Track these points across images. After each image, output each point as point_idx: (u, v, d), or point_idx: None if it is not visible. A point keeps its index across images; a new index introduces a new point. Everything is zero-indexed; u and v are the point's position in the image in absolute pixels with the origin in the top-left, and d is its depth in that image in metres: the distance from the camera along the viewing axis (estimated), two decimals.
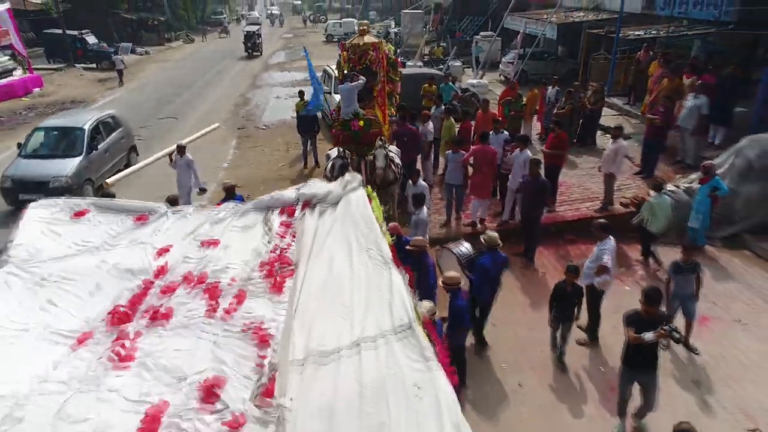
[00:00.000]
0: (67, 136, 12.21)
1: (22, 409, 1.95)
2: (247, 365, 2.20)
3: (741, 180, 9.86)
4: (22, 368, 2.19)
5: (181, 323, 2.45)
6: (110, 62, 30.22)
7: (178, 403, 2.02)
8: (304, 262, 2.74)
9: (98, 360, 2.23)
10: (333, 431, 1.82)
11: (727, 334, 7.22)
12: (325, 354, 2.17)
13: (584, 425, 5.94)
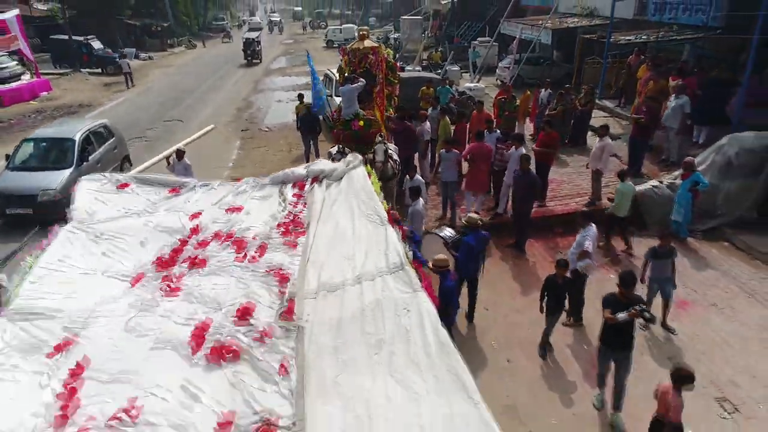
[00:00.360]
0: (56, 147, 11.79)
1: (98, 322, 2.47)
2: (271, 296, 2.72)
3: (721, 176, 10.40)
4: (92, 298, 2.71)
5: (215, 267, 2.97)
6: (115, 67, 30.92)
7: (218, 322, 2.53)
8: (314, 224, 3.27)
9: (152, 293, 2.76)
10: (341, 338, 2.34)
11: (702, 316, 7.73)
12: (333, 286, 2.69)
13: (567, 396, 6.44)
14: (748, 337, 7.22)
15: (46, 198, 10.50)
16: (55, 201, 10.37)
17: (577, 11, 24.32)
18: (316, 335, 2.39)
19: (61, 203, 10.07)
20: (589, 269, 7.14)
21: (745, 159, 10.31)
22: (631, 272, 5.94)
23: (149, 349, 2.35)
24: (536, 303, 7.03)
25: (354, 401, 1.99)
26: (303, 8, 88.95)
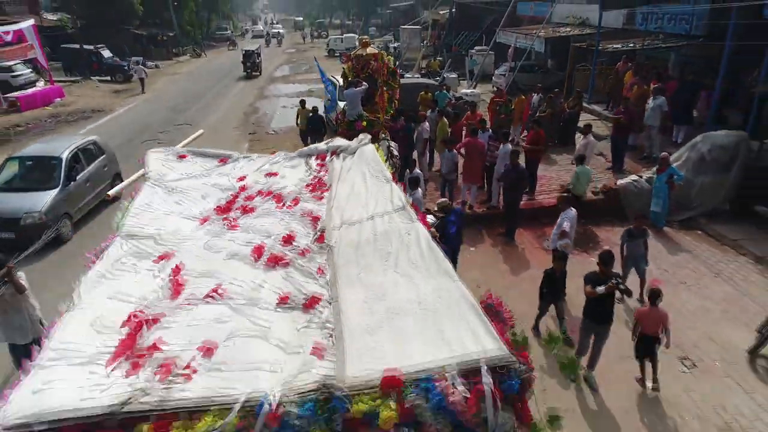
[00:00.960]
0: (42, 166, 11.13)
1: (185, 243, 3.34)
2: (306, 229, 3.60)
3: (695, 171, 11.31)
4: (175, 228, 3.60)
5: (261, 212, 3.84)
6: (125, 75, 32.02)
7: (269, 244, 3.39)
8: (335, 184, 4.16)
9: (218, 227, 3.64)
10: (360, 252, 3.19)
11: (672, 292, 8.57)
12: (352, 222, 3.55)
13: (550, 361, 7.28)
14: (710, 309, 8.10)
15: (30, 221, 9.77)
16: (40, 224, 9.63)
17: (570, 21, 25.39)
18: (342, 252, 3.25)
19: (47, 226, 9.28)
20: (567, 248, 8.02)
21: (717, 155, 11.23)
22: (610, 251, 6.68)
23: (223, 259, 3.21)
24: (523, 281, 7.88)
25: (371, 287, 2.85)
26: (304, 18, 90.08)
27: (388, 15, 71.36)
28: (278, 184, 4.24)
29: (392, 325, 2.48)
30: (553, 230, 8.35)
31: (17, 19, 27.48)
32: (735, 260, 9.58)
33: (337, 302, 2.72)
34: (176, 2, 47.32)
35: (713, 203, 11.21)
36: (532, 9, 29.82)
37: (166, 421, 2.00)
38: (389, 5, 71.92)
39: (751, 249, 9.72)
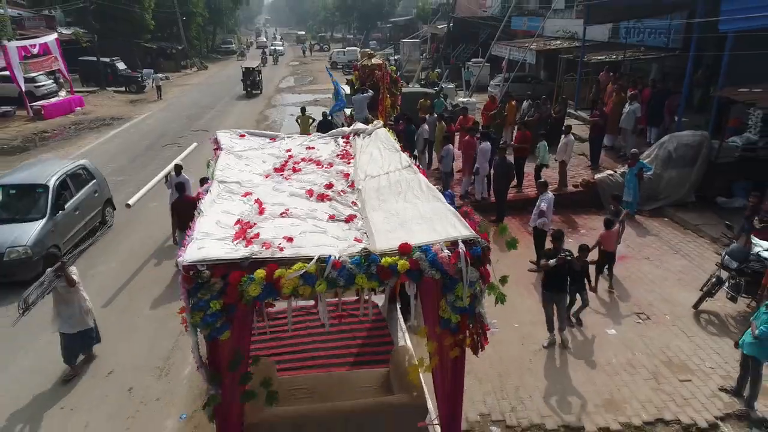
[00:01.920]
0: (27, 195, 10.21)
1: (258, 187, 4.78)
2: (341, 181, 5.02)
3: (664, 167, 12.81)
4: (250, 179, 5.04)
5: (307, 171, 5.26)
6: (138, 86, 33.67)
7: (316, 189, 4.79)
8: (358, 154, 5.55)
9: (278, 180, 5.08)
10: (379, 192, 4.55)
11: (636, 264, 10.05)
12: (373, 176, 4.98)
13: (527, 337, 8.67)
14: (667, 278, 9.52)
15: (15, 256, 8.99)
16: (25, 259, 9.05)
17: (560, 35, 27.07)
18: (367, 192, 4.62)
19: (33, 262, 9.00)
20: (545, 225, 9.47)
21: (683, 152, 12.73)
22: (560, 230, 7.95)
23: (287, 196, 4.61)
24: (510, 256, 9.26)
25: (388, 210, 4.20)
26: (306, 32, 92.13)
27: (388, 29, 73.46)
28: (316, 154, 5.66)
29: (403, 227, 3.89)
30: (533, 211, 9.80)
31: (36, 34, 29.09)
32: (694, 241, 11.03)
33: (366, 218, 4.14)
34: (184, 17, 49.19)
35: (677, 195, 12.70)
36: (526, 24, 31.56)
37: (272, 266, 3.41)
38: (389, 20, 74.08)
39: (709, 232, 11.16)
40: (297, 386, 5.10)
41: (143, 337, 8.05)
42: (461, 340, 3.88)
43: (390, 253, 3.54)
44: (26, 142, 20.58)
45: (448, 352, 3.93)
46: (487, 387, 6.87)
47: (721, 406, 6.44)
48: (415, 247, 3.54)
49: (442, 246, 3.57)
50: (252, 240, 3.67)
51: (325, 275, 3.41)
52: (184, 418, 6.38)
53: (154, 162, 17.16)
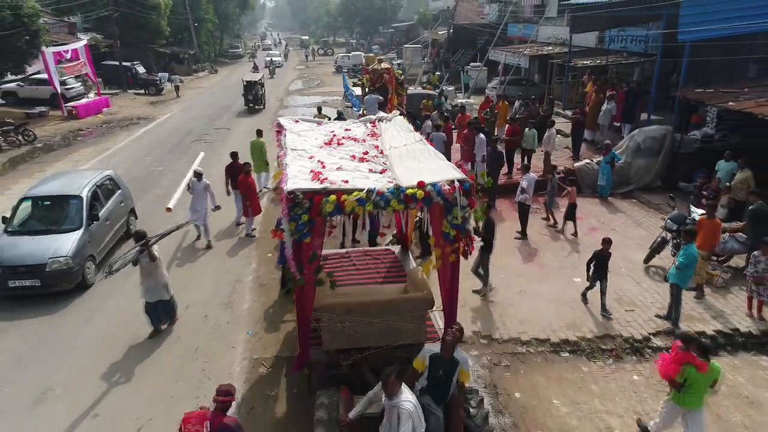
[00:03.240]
0: (61, 206, 10.32)
1: (317, 153, 6.86)
2: (374, 149, 7.11)
3: (633, 156, 14.91)
4: (309, 148, 7.13)
5: (348, 144, 7.33)
6: (157, 88, 35.84)
7: (357, 156, 6.89)
8: (382, 133, 7.65)
9: (328, 150, 7.19)
10: (401, 157, 6.63)
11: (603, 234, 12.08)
12: (395, 146, 7.03)
13: (510, 285, 10.74)
14: (628, 244, 11.58)
15: (56, 267, 9.21)
16: (66, 270, 9.29)
17: (552, 41, 29.23)
18: (392, 156, 6.61)
19: (71, 272, 9.29)
20: (526, 200, 11.57)
21: (649, 144, 14.84)
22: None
23: (338, 159, 6.70)
24: (500, 230, 11.36)
25: (407, 167, 6.30)
26: (309, 37, 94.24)
27: (390, 34, 75.76)
28: (352, 134, 7.71)
29: (418, 176, 5.98)
30: (517, 190, 11.91)
31: (60, 40, 31.17)
32: (655, 217, 13.12)
33: (393, 171, 6.20)
34: (196, 24, 51.42)
35: (645, 180, 14.81)
36: (521, 30, 33.75)
37: (339, 193, 5.49)
38: (391, 25, 76.36)
39: (668, 210, 13.25)
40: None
41: (209, 284, 10.15)
42: (456, 248, 5.98)
43: (412, 187, 5.64)
44: (64, 139, 22.66)
45: (448, 258, 6.02)
46: (477, 316, 8.96)
47: (654, 326, 8.54)
48: (428, 183, 5.64)
49: (445, 182, 5.67)
50: (323, 180, 5.78)
51: (371, 199, 5.51)
52: (251, 334, 8.47)
53: (186, 155, 19.28)
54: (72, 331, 8.67)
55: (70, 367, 7.79)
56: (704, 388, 5.77)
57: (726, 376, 7.32)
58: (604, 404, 7.06)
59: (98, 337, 8.51)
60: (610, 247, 8.91)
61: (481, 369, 7.70)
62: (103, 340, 8.44)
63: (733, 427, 6.70)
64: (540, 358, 8.04)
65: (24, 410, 6.95)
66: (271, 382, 7.44)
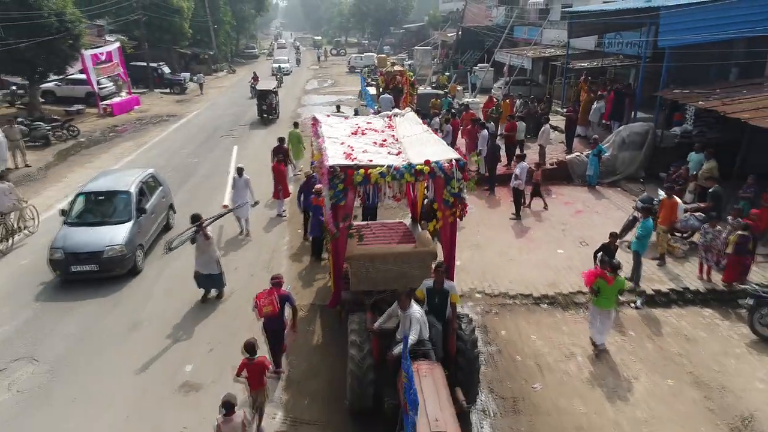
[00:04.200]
0: (113, 200, 11.55)
1: (348, 139, 8.79)
2: (391, 138, 9.03)
3: (619, 149, 16.70)
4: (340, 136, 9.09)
5: (370, 134, 9.23)
6: (181, 87, 38.04)
7: (378, 141, 8.82)
8: (397, 126, 9.53)
9: (355, 138, 9.11)
10: (412, 143, 8.55)
11: (588, 216, 13.99)
12: (407, 135, 8.89)
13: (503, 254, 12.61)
14: (607, 223, 13.22)
15: (112, 254, 10.43)
16: (120, 256, 10.52)
17: (555, 43, 30.98)
18: (405, 142, 8.40)
19: (124, 258, 10.58)
20: (519, 185, 13.44)
21: (633, 138, 16.62)
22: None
23: (363, 144, 8.60)
24: (496, 213, 13.27)
25: (416, 151, 8.25)
26: (322, 37, 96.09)
27: (400, 34, 77.53)
28: (373, 126, 9.60)
29: (425, 156, 7.85)
30: (512, 176, 13.79)
31: (97, 42, 33.38)
32: (635, 202, 14.92)
33: (406, 153, 8.12)
34: (215, 26, 53.64)
35: (629, 171, 16.60)
36: (526, 33, 35.51)
37: (366, 168, 7.42)
38: (402, 26, 78.18)
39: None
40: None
41: (251, 253, 12.15)
42: (454, 212, 7.89)
43: (420, 164, 7.56)
44: (103, 135, 24.79)
45: (448, 220, 7.94)
46: (474, 277, 10.86)
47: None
48: (432, 161, 7.56)
49: (445, 161, 7.59)
50: (353, 159, 7.73)
51: (390, 172, 7.44)
52: (290, 288, 10.44)
53: (218, 148, 21.36)
54: (142, 294, 10.72)
55: (148, 316, 9.82)
56: (612, 295, 8.34)
57: (672, 323, 9.27)
58: (570, 339, 8.96)
59: (164, 297, 10.53)
60: (616, 240, 9.96)
61: (476, 315, 9.59)
62: (168, 298, 10.46)
63: (672, 355, 8.56)
64: (524, 308, 9.94)
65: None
66: (309, 321, 9.44)
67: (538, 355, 8.59)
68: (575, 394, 7.72)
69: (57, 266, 10.54)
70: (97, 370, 8.22)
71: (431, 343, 6.69)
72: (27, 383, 7.89)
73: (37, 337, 8.97)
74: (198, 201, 15.20)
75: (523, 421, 7.23)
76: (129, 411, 7.36)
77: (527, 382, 7.96)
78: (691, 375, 8.12)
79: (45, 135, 21.78)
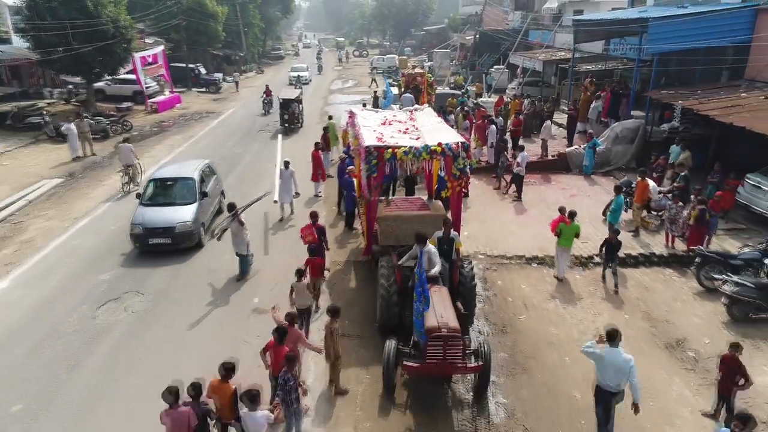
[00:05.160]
0: (179, 185, 13.51)
1: (378, 128, 11.24)
2: (412, 127, 11.43)
3: (613, 143, 18.92)
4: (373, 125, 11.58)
5: (395, 125, 11.65)
6: (216, 87, 40.95)
7: (403, 127, 11.28)
8: (417, 118, 11.99)
9: (383, 127, 11.55)
10: (429, 131, 10.91)
11: (579, 199, 16.24)
12: (425, 125, 11.31)
13: (504, 226, 14.95)
14: (597, 205, 15.55)
15: (182, 229, 12.41)
16: (188, 231, 12.52)
17: (567, 46, 33.06)
18: (423, 131, 10.92)
19: (192, 233, 12.67)
20: (520, 171, 15.77)
21: (625, 134, 18.84)
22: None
23: (390, 131, 10.95)
24: (501, 195, 15.63)
25: (432, 136, 10.67)
26: (344, 38, 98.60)
27: (421, 36, 79.78)
28: (397, 118, 12.00)
29: (438, 140, 10.25)
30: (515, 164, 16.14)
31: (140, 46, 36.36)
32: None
33: (423, 138, 10.48)
34: (246, 29, 56.64)
35: (622, 162, 18.80)
36: (540, 36, 37.63)
37: (393, 148, 9.77)
38: (422, 27, 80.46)
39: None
40: None
41: (298, 222, 14.68)
42: (460, 183, 10.32)
43: (434, 146, 9.99)
44: (152, 129, 27.65)
45: (455, 190, 10.37)
46: (479, 243, 13.22)
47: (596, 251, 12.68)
48: (444, 143, 9.98)
49: (453, 143, 10.01)
50: (384, 141, 10.20)
51: (411, 152, 9.88)
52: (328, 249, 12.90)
53: (257, 141, 24.08)
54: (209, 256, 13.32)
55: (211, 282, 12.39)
56: (570, 236, 11.23)
57: (637, 278, 11.56)
58: (552, 288, 11.33)
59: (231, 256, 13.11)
60: (618, 235, 11.28)
61: (479, 270, 11.97)
62: (234, 258, 13.02)
63: (631, 299, 10.88)
64: (517, 266, 12.31)
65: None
66: (345, 272, 11.96)
67: (525, 297, 10.97)
68: (550, 323, 10.09)
69: (136, 239, 12.52)
70: (187, 300, 10.82)
71: (440, 275, 9.12)
72: (137, 307, 10.56)
73: (138, 278, 11.65)
74: (245, 185, 17.80)
75: (509, 339, 9.63)
76: (215, 330, 9.92)
77: (515, 315, 10.36)
78: (643, 312, 10.44)
79: (104, 128, 24.73)
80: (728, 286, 9.94)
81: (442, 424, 7.61)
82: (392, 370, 7.82)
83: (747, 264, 10.81)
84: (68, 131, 20.97)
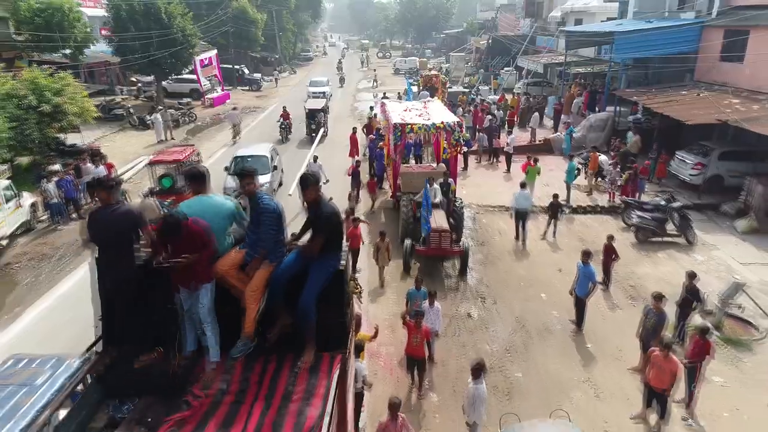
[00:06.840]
0: (256, 160, 17.31)
1: (402, 113, 16.37)
2: (426, 113, 16.53)
3: (587, 131, 23.76)
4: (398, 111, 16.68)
5: (414, 111, 16.69)
6: (258, 86, 46.54)
7: (418, 114, 16.33)
8: (428, 106, 17.11)
9: (405, 113, 16.64)
10: (437, 113, 15.92)
11: (556, 172, 21.14)
12: (434, 111, 16.38)
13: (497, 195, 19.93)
14: (562, 175, 20.50)
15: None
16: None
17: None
18: (432, 114, 15.94)
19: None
20: (510, 149, 20.73)
21: (597, 123, 23.69)
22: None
23: (410, 115, 16.10)
24: (496, 175, 20.63)
25: (438, 117, 15.73)
26: (369, 40, 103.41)
27: (441, 39, 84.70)
28: (415, 107, 16.95)
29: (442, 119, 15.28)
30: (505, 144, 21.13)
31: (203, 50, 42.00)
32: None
33: (432, 119, 15.49)
34: (280, 33, 62.28)
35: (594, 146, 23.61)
36: (546, 41, 42.34)
37: (412, 125, 14.84)
38: (443, 31, 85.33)
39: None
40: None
41: (336, 193, 19.88)
42: (457, 149, 15.44)
43: (439, 123, 15.11)
44: (211, 119, 33.16)
45: (453, 154, 15.48)
46: (473, 198, 18.22)
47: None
48: (446, 121, 15.09)
49: (452, 122, 15.13)
50: (405, 120, 15.35)
51: (423, 127, 15.00)
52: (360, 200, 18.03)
53: (297, 131, 29.38)
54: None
55: None
56: (533, 174, 16.72)
57: (582, 220, 16.47)
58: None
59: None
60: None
61: (471, 213, 16.99)
62: None
63: (574, 233, 15.84)
64: (499, 213, 17.34)
65: None
66: (376, 216, 17.13)
67: (502, 232, 16.01)
68: (512, 241, 15.16)
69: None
70: None
71: (441, 203, 14.24)
72: None
73: None
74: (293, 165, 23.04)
75: (485, 249, 14.72)
76: None
77: (490, 237, 15.46)
78: (578, 237, 15.42)
79: (176, 119, 30.32)
80: (635, 218, 14.88)
81: (439, 285, 12.73)
82: (409, 257, 12.97)
83: (656, 208, 15.68)
84: (156, 120, 26.57)
